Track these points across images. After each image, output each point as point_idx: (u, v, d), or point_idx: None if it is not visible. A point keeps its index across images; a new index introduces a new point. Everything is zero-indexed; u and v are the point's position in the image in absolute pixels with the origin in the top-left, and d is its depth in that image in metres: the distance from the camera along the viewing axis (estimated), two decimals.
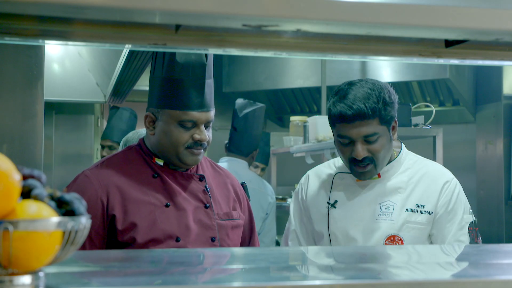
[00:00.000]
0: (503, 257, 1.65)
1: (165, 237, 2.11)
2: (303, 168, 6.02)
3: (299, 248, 2.22)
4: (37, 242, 1.03)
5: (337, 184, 2.39)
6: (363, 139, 2.23)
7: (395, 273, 1.39)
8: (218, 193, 2.27)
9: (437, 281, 1.26)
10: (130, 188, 2.15)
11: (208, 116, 2.18)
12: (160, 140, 2.20)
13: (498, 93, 5.47)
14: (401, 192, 2.30)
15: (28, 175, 1.11)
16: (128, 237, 2.09)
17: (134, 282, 1.20)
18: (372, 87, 2.24)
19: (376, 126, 2.23)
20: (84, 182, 2.16)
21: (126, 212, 2.11)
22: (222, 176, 2.36)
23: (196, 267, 1.45)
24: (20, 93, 2.42)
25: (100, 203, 2.11)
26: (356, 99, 2.22)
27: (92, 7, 1.24)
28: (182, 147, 2.16)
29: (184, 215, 2.15)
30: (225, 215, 2.24)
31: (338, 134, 2.27)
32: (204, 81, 2.16)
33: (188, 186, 2.21)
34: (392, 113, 2.27)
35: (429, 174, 2.34)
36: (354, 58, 1.64)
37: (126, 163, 2.21)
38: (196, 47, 1.59)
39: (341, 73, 5.94)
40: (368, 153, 2.24)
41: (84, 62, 4.27)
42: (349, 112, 2.21)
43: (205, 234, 2.17)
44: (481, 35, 1.49)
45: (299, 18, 1.32)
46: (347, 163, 2.30)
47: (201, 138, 2.15)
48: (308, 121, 5.06)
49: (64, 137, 6.32)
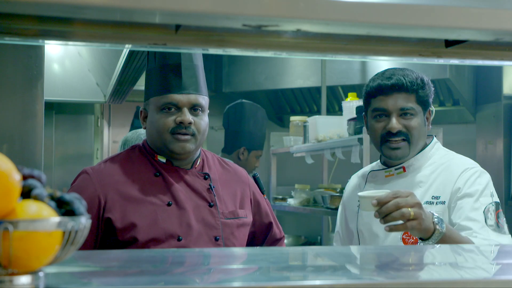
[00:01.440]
0: (503, 257, 1.65)
1: (166, 236, 2.10)
2: (303, 168, 6.05)
3: (299, 248, 2.22)
4: (37, 242, 1.03)
5: (369, 182, 2.40)
6: (399, 112, 2.23)
7: (395, 273, 1.38)
8: (225, 191, 2.26)
9: (433, 282, 1.26)
10: (130, 187, 2.15)
11: (192, 99, 2.16)
12: (150, 131, 2.22)
13: (498, 93, 5.46)
14: (422, 186, 2.27)
15: (28, 175, 1.11)
16: (128, 236, 2.09)
17: (134, 282, 1.20)
18: (411, 71, 2.28)
19: (413, 103, 2.25)
20: (85, 179, 2.17)
21: (125, 212, 2.11)
22: (231, 173, 2.34)
23: (196, 267, 1.45)
24: (20, 93, 2.42)
25: (97, 202, 2.11)
26: (395, 73, 2.26)
27: (92, 7, 1.24)
28: (167, 133, 2.15)
29: (186, 214, 2.14)
30: (230, 213, 2.22)
31: (373, 108, 2.28)
32: (181, 63, 2.16)
33: (192, 184, 2.20)
34: (429, 97, 2.29)
35: (450, 166, 2.30)
36: (354, 58, 1.64)
37: (128, 163, 2.22)
38: (196, 47, 1.59)
39: (341, 73, 5.94)
40: (403, 128, 2.24)
41: (84, 62, 4.27)
42: (388, 82, 2.24)
43: (208, 233, 2.16)
44: (481, 35, 1.49)
45: (299, 18, 1.32)
46: (379, 140, 2.28)
47: (183, 119, 2.13)
48: (308, 121, 5.06)
49: (64, 137, 6.32)
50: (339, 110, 6.20)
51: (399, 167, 2.31)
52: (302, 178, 5.96)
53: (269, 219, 2.40)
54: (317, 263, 1.60)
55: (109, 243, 2.11)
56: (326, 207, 4.66)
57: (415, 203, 1.93)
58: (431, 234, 1.95)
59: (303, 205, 5.17)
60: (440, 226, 1.95)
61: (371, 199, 1.93)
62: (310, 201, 5.21)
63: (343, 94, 6.14)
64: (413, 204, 1.92)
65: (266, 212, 2.39)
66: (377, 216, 1.93)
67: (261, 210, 2.38)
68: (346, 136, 4.30)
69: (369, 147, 3.79)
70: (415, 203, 1.93)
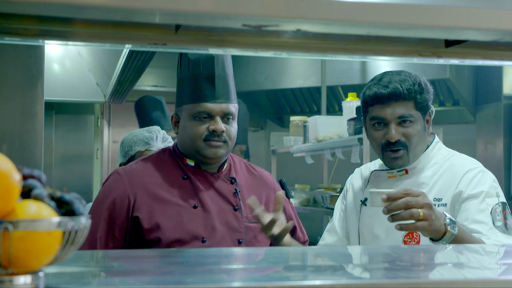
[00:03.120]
0: (504, 258, 1.65)
1: (191, 238, 2.16)
2: (303, 168, 6.05)
3: (299, 248, 2.22)
4: (37, 242, 1.03)
5: (372, 181, 2.37)
6: (398, 120, 2.20)
7: (395, 273, 1.38)
8: (250, 195, 2.28)
9: (432, 282, 1.26)
10: (159, 189, 2.21)
11: (224, 108, 2.21)
12: (182, 137, 2.27)
13: (498, 93, 5.46)
14: (423, 188, 2.23)
15: (28, 175, 1.10)
16: (153, 237, 2.14)
17: (134, 282, 1.20)
18: (408, 74, 2.24)
19: (411, 110, 2.21)
20: (116, 180, 2.24)
21: (152, 212, 2.17)
22: (257, 177, 2.39)
23: (196, 267, 1.45)
24: (20, 93, 2.42)
25: (127, 201, 2.17)
26: (392, 81, 2.21)
27: (92, 7, 1.24)
28: (200, 140, 2.20)
29: (211, 217, 2.19)
30: (254, 217, 2.24)
31: (371, 117, 2.24)
32: (214, 73, 2.22)
33: (218, 188, 2.25)
34: (428, 101, 2.25)
35: (452, 167, 2.27)
36: (354, 58, 1.64)
37: (158, 165, 2.28)
38: (196, 47, 1.59)
39: (341, 73, 5.94)
40: (402, 137, 2.21)
41: (84, 62, 4.27)
42: (385, 91, 2.19)
43: (232, 236, 2.21)
44: (481, 35, 1.49)
45: (299, 18, 1.32)
46: (380, 149, 2.26)
47: (216, 128, 2.19)
48: (308, 121, 5.06)
49: (64, 137, 6.33)
50: (339, 110, 6.20)
51: (401, 169, 2.30)
52: (302, 178, 5.96)
53: (293, 223, 2.42)
54: (317, 263, 1.60)
55: (137, 242, 2.16)
56: (326, 207, 4.66)
57: (425, 203, 1.90)
58: (442, 235, 1.93)
59: (303, 205, 5.17)
60: (452, 228, 1.92)
61: (381, 194, 1.92)
62: (310, 201, 5.22)
63: (343, 94, 6.14)
64: (423, 205, 1.90)
65: (290, 216, 2.41)
66: (386, 213, 1.91)
67: (285, 214, 2.40)
68: (346, 136, 4.30)
69: (369, 147, 3.79)
70: (425, 204, 1.90)
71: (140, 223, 2.15)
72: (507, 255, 1.71)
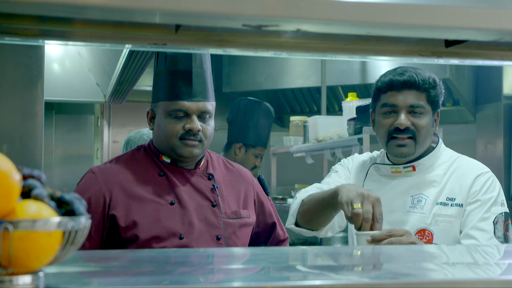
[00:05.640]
0: (505, 258, 1.65)
1: (168, 235, 2.13)
2: (303, 168, 6.05)
3: (299, 248, 2.22)
4: (37, 242, 1.03)
5: (372, 175, 2.36)
6: (409, 109, 2.21)
7: (395, 273, 1.38)
8: (228, 191, 2.28)
9: (432, 282, 1.26)
10: (135, 186, 2.18)
11: (200, 106, 2.18)
12: (157, 134, 2.24)
13: (498, 93, 5.46)
14: (435, 186, 2.24)
15: (28, 175, 1.10)
16: (130, 234, 2.12)
17: (135, 282, 1.20)
18: (423, 70, 2.27)
19: (424, 101, 2.23)
20: (90, 179, 2.20)
21: (128, 210, 2.14)
22: (235, 173, 2.37)
23: (196, 267, 1.45)
24: (20, 93, 2.42)
25: (102, 200, 2.14)
26: (408, 70, 2.24)
27: (92, 7, 1.24)
28: (176, 139, 2.18)
29: (189, 213, 2.17)
30: (233, 213, 2.24)
31: (382, 103, 2.25)
32: (192, 70, 2.18)
33: (195, 184, 2.22)
34: (439, 99, 2.27)
35: (463, 167, 2.28)
36: (354, 58, 1.64)
37: (133, 162, 2.25)
38: (196, 47, 1.59)
39: (341, 73, 5.94)
40: (411, 125, 2.21)
41: (84, 62, 4.27)
42: (400, 78, 2.22)
43: (210, 233, 2.19)
44: (481, 35, 1.49)
45: (299, 18, 1.32)
46: (386, 136, 2.25)
47: (192, 127, 2.16)
48: (308, 121, 5.06)
49: (64, 137, 6.32)
50: (339, 110, 6.20)
51: (409, 165, 2.29)
52: (302, 178, 5.96)
53: (272, 219, 2.41)
54: (317, 263, 1.60)
55: (113, 241, 2.14)
56: None
57: (410, 242, 1.91)
58: None
59: None
60: None
61: (367, 236, 1.94)
62: None
63: (343, 94, 6.14)
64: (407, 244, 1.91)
65: (269, 212, 2.40)
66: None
67: (264, 211, 2.39)
68: (346, 136, 4.30)
69: (369, 147, 3.79)
70: (410, 243, 1.91)
71: (117, 221, 2.12)
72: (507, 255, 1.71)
